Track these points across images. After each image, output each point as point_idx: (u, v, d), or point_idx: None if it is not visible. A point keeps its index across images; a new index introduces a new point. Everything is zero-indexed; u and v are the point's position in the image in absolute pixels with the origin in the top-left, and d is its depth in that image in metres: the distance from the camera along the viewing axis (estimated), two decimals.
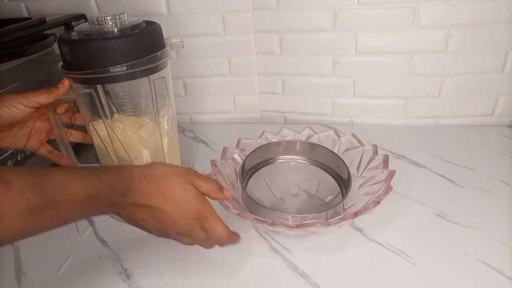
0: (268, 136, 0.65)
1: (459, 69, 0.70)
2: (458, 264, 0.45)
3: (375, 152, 0.57)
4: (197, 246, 0.51)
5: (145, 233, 0.54)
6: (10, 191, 0.29)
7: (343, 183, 0.57)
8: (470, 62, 0.70)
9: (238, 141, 0.63)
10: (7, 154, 0.59)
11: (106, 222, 0.57)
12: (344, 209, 0.53)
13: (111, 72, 0.45)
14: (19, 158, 0.61)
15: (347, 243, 0.50)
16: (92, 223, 0.57)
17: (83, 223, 0.57)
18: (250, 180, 0.60)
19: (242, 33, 0.76)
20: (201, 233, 0.42)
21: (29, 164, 0.63)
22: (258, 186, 0.59)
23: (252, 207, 0.53)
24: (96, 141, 0.52)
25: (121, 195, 0.38)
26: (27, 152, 0.63)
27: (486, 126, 0.74)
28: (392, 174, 0.52)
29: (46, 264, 0.51)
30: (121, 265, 0.49)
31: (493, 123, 0.75)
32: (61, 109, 0.51)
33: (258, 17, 0.74)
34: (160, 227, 0.41)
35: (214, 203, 0.51)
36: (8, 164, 0.59)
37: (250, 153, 0.60)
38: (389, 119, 0.78)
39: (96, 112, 0.49)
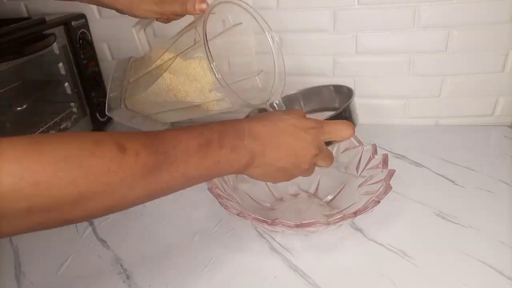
0: None
1: (460, 69, 0.70)
2: (458, 264, 0.45)
3: (375, 152, 0.57)
4: (196, 246, 0.52)
5: (145, 233, 0.54)
6: (125, 156, 0.30)
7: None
8: (470, 62, 0.69)
9: None
10: None
11: (106, 222, 0.57)
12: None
13: None
14: None
15: (347, 243, 0.49)
16: (91, 223, 0.57)
17: (82, 223, 0.57)
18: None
19: (242, 32, 0.76)
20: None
21: None
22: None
23: (253, 207, 0.52)
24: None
25: (235, 137, 0.38)
26: None
27: (486, 126, 0.74)
28: (391, 173, 0.52)
29: (45, 265, 0.51)
30: (121, 265, 0.49)
31: (494, 123, 0.74)
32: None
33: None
34: (294, 161, 0.42)
35: (212, 201, 0.50)
36: None
37: None
38: (389, 119, 0.78)
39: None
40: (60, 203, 0.28)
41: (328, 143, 0.46)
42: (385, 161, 0.55)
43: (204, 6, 0.49)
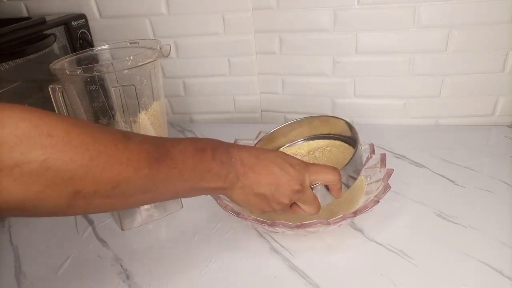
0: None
1: (460, 69, 0.70)
2: (458, 264, 0.45)
3: (372, 151, 0.57)
4: (196, 246, 0.51)
5: (144, 234, 0.54)
6: (130, 141, 0.33)
7: (351, 140, 0.56)
8: (470, 62, 0.69)
9: (235, 142, 0.63)
10: None
11: (106, 222, 0.57)
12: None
13: None
14: None
15: (347, 243, 0.49)
16: (91, 223, 0.57)
17: (82, 223, 0.57)
18: None
19: (242, 33, 0.76)
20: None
21: None
22: None
23: None
24: None
25: (226, 154, 0.40)
26: None
27: (486, 126, 0.74)
28: (390, 172, 0.52)
29: (45, 265, 0.51)
30: (121, 266, 0.49)
31: (494, 123, 0.74)
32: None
33: (258, 17, 0.74)
34: (275, 190, 0.42)
35: (212, 201, 0.50)
36: None
37: None
38: (390, 119, 0.78)
39: None
40: (73, 164, 0.28)
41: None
42: (383, 161, 0.55)
43: None
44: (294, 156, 0.46)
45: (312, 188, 0.45)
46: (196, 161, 0.37)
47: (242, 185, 0.41)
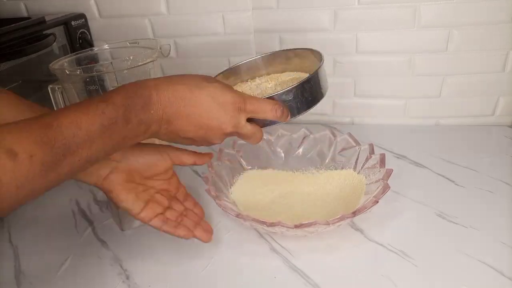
0: (264, 136, 0.64)
1: (460, 69, 0.70)
2: (458, 264, 0.45)
3: (372, 151, 0.57)
4: (196, 246, 0.51)
5: (144, 233, 0.54)
6: (17, 162, 0.28)
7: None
8: (470, 62, 0.69)
9: (234, 142, 0.63)
10: None
11: (106, 223, 0.57)
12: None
13: None
14: None
15: (347, 244, 0.49)
16: (91, 224, 0.57)
17: (82, 224, 0.57)
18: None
19: (242, 33, 0.76)
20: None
21: None
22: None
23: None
24: None
25: (142, 109, 0.35)
26: None
27: (487, 126, 0.74)
28: (389, 173, 0.52)
29: (45, 265, 0.50)
30: (121, 266, 0.49)
31: (494, 123, 0.74)
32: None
33: (258, 17, 0.74)
34: (205, 134, 0.40)
35: (211, 201, 0.50)
36: None
37: None
38: (390, 119, 0.78)
39: None
40: None
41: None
42: (382, 161, 0.54)
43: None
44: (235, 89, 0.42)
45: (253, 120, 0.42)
46: (106, 139, 0.33)
47: (166, 132, 0.38)
